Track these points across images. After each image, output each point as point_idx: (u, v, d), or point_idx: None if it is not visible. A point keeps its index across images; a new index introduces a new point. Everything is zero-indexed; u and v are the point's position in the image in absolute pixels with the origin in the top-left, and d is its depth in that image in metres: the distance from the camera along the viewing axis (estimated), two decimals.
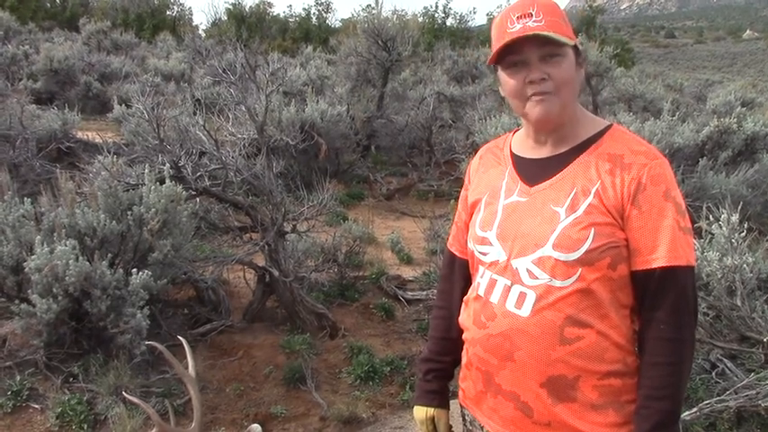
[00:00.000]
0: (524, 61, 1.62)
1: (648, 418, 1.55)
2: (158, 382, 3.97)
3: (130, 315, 3.87)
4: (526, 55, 1.61)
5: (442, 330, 1.97)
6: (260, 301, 4.94)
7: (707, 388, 4.04)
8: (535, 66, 1.61)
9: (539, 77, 1.60)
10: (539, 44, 1.59)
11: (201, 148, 5.22)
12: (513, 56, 1.62)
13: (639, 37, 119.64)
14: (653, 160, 1.60)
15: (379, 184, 9.53)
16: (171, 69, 15.59)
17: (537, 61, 1.60)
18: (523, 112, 1.67)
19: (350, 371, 4.40)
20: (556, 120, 1.65)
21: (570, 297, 1.58)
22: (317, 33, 32.97)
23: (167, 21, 32.87)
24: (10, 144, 7.19)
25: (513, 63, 1.64)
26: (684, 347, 1.58)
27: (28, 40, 18.03)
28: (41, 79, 13.40)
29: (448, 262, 2.01)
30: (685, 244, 1.58)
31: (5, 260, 3.90)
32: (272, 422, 3.84)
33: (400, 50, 10.08)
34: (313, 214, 5.10)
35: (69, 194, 4.15)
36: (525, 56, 1.61)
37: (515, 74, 1.64)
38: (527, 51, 1.60)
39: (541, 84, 1.61)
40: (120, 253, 4.17)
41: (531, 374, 1.63)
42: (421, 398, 1.98)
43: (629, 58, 35.56)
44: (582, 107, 1.75)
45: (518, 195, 1.71)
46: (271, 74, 5.48)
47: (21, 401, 3.70)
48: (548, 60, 1.60)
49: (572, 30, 1.66)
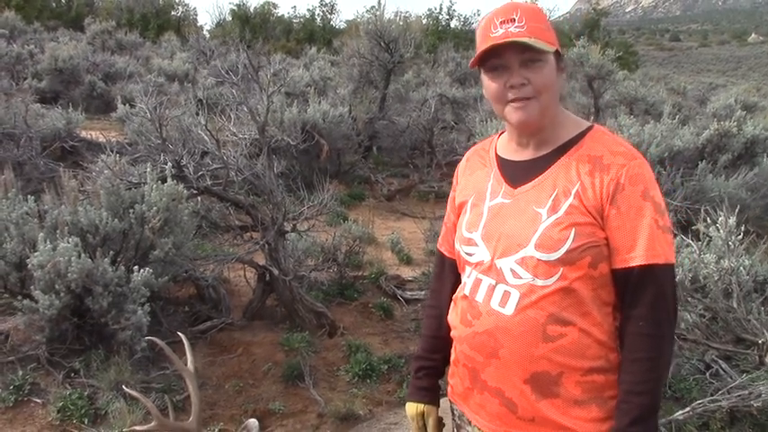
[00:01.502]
0: (505, 66, 1.65)
1: (628, 413, 1.59)
2: (158, 378, 4.01)
3: (131, 312, 3.91)
4: (507, 60, 1.64)
5: (433, 329, 2.01)
6: (260, 300, 4.99)
7: (701, 388, 4.08)
8: (516, 71, 1.64)
9: (519, 82, 1.64)
10: (520, 50, 1.63)
11: (204, 148, 5.28)
12: (494, 60, 1.66)
13: (644, 40, 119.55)
14: (631, 161, 1.63)
15: (380, 185, 9.58)
16: (175, 70, 15.66)
17: (518, 66, 1.64)
18: (503, 114, 1.71)
19: (348, 369, 4.45)
20: (536, 123, 1.69)
21: (552, 296, 1.62)
22: (321, 34, 33.03)
23: (172, 21, 32.98)
24: (14, 143, 7.26)
25: (494, 67, 1.67)
26: (663, 343, 1.62)
27: (33, 39, 18.12)
28: (46, 78, 13.48)
29: (438, 262, 2.05)
30: (664, 242, 1.61)
31: (9, 257, 3.95)
32: (271, 418, 3.89)
33: (402, 52, 10.13)
34: (313, 214, 5.15)
35: (72, 192, 4.20)
36: (506, 60, 1.64)
37: (497, 78, 1.67)
38: (508, 56, 1.64)
39: (521, 89, 1.64)
40: (121, 250, 4.22)
41: (515, 371, 1.67)
42: (412, 394, 2.02)
43: (633, 61, 35.60)
44: (564, 109, 1.78)
45: (502, 197, 1.75)
46: (272, 74, 5.53)
47: (23, 396, 3.74)
48: (528, 66, 1.64)
49: (555, 36, 1.69)
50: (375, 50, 10.41)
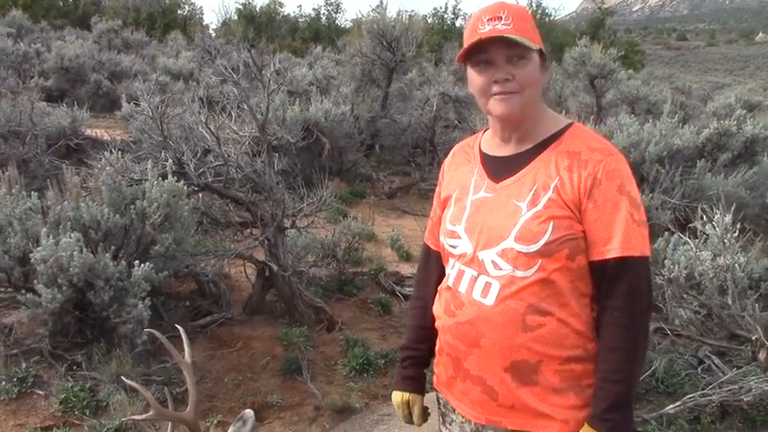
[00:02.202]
0: (491, 61, 1.71)
1: (604, 400, 1.65)
2: (158, 371, 4.09)
3: (132, 306, 3.99)
4: (493, 55, 1.71)
5: (418, 319, 2.06)
6: (259, 295, 5.05)
7: (693, 383, 4.12)
8: (501, 66, 1.71)
9: (503, 77, 1.70)
10: (505, 46, 1.69)
11: (206, 146, 5.35)
12: (481, 55, 1.72)
13: (651, 39, 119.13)
14: (608, 156, 1.69)
15: (381, 183, 9.63)
16: (180, 68, 15.75)
17: (503, 62, 1.70)
18: (487, 108, 1.77)
19: (345, 363, 4.50)
20: (517, 116, 1.75)
21: (532, 287, 1.68)
22: (326, 34, 33.05)
23: (178, 20, 33.04)
24: (20, 140, 7.34)
25: (480, 62, 1.73)
26: (638, 334, 1.67)
27: (40, 38, 18.22)
28: (53, 77, 13.58)
29: (424, 255, 2.11)
30: (639, 235, 1.66)
31: (13, 251, 4.02)
32: (268, 411, 3.95)
33: (404, 51, 10.19)
34: (312, 211, 5.21)
35: (75, 189, 4.28)
36: (492, 56, 1.71)
37: (482, 72, 1.73)
38: (494, 52, 1.70)
39: (505, 84, 1.70)
40: (122, 245, 4.29)
41: (495, 360, 1.73)
42: (398, 383, 2.08)
43: (639, 60, 35.51)
44: (545, 107, 1.84)
45: (485, 191, 1.80)
46: (273, 73, 5.59)
47: (26, 388, 3.81)
48: (513, 62, 1.70)
49: (539, 35, 1.75)
50: (377, 49, 10.47)
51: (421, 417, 2.06)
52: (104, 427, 3.52)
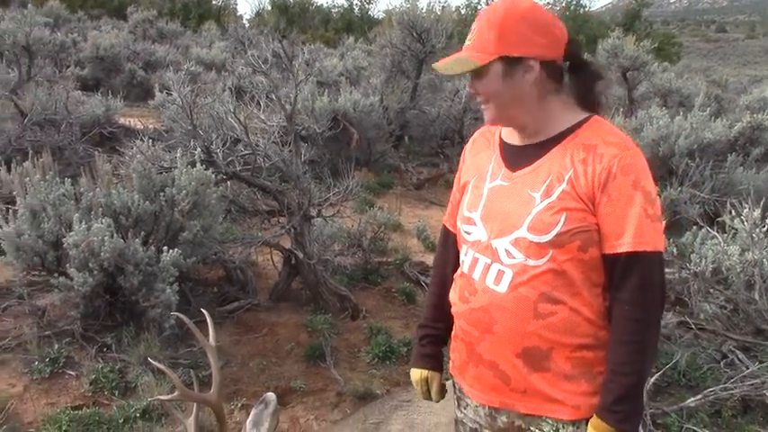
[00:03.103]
0: None
1: (613, 391, 1.68)
2: (186, 354, 4.17)
3: (161, 290, 4.08)
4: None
5: (436, 299, 2.11)
6: (285, 282, 5.13)
7: (715, 377, 4.11)
8: (471, 82, 1.80)
9: (469, 92, 1.85)
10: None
11: (235, 135, 5.43)
12: None
13: (689, 31, 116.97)
14: (624, 151, 1.70)
15: (409, 174, 9.66)
16: (212, 58, 15.91)
17: (472, 77, 1.79)
18: None
19: (368, 350, 4.57)
20: (502, 122, 1.84)
21: (543, 276, 1.71)
22: (359, 24, 33.09)
23: (212, 10, 33.34)
24: (55, 128, 7.51)
25: None
26: (648, 328, 1.69)
27: (77, 28, 18.52)
28: (88, 66, 13.81)
29: (443, 236, 2.14)
30: (653, 230, 1.67)
31: (46, 236, 4.14)
32: (292, 395, 4.03)
33: (434, 42, 10.18)
34: (338, 200, 5.27)
35: (106, 176, 4.38)
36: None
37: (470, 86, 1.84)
38: None
39: (476, 97, 1.81)
40: (152, 232, 4.38)
41: (507, 346, 1.77)
42: (417, 361, 2.14)
43: (675, 52, 35.01)
44: (562, 102, 1.82)
45: (501, 179, 1.83)
46: (303, 63, 5.65)
47: (58, 368, 3.92)
48: (476, 76, 1.77)
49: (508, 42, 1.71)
50: (407, 40, 10.48)
51: (438, 393, 2.12)
52: (132, 407, 3.61)
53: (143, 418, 3.57)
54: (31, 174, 4.40)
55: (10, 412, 3.52)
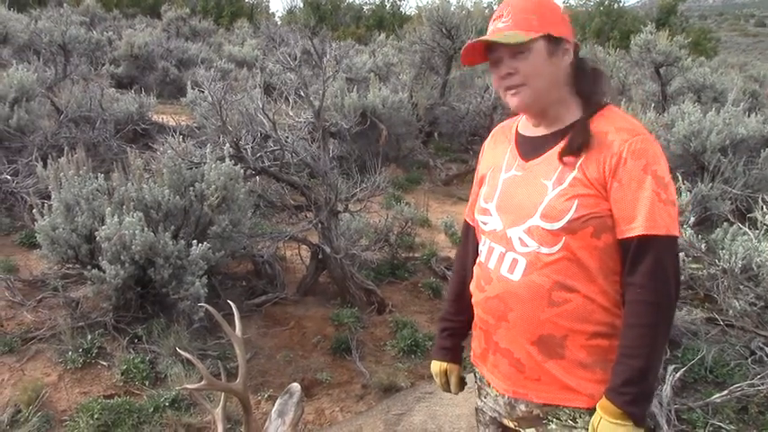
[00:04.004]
0: (499, 59, 1.80)
1: (622, 374, 1.68)
2: (214, 346, 4.26)
3: (190, 283, 4.16)
4: (499, 53, 1.79)
5: (456, 292, 2.15)
6: (313, 276, 5.20)
7: (742, 374, 4.08)
8: (505, 63, 1.78)
9: (506, 72, 1.78)
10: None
11: (264, 131, 5.50)
12: (490, 54, 1.82)
13: (727, 26, 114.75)
14: (635, 136, 1.71)
15: (438, 170, 9.67)
16: (244, 56, 16.05)
17: (508, 58, 1.78)
18: (506, 102, 1.85)
19: (394, 344, 4.61)
20: (533, 107, 1.82)
21: (557, 264, 1.74)
22: (390, 21, 33.08)
23: (245, 8, 33.56)
24: (90, 125, 7.68)
25: (492, 60, 1.82)
26: (660, 311, 1.68)
27: (112, 26, 18.82)
28: (123, 64, 14.04)
29: (464, 230, 2.18)
30: (665, 214, 1.68)
31: (80, 229, 4.25)
32: (317, 387, 4.09)
33: (464, 39, 10.16)
34: (366, 195, 5.31)
35: (138, 171, 4.48)
36: (498, 54, 1.79)
37: (494, 70, 1.83)
38: (498, 50, 1.79)
39: (511, 78, 1.79)
40: (182, 226, 4.46)
41: (522, 333, 1.80)
42: (436, 353, 2.19)
43: (711, 47, 34.41)
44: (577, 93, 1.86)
45: (516, 170, 1.87)
46: (330, 60, 5.70)
47: (91, 358, 4.02)
48: (516, 56, 1.76)
49: (550, 21, 1.77)
50: (436, 37, 10.49)
51: (457, 385, 2.17)
52: (162, 397, 3.70)
53: (172, 408, 3.66)
54: (65, 169, 4.52)
55: (45, 400, 3.63)
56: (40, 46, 10.34)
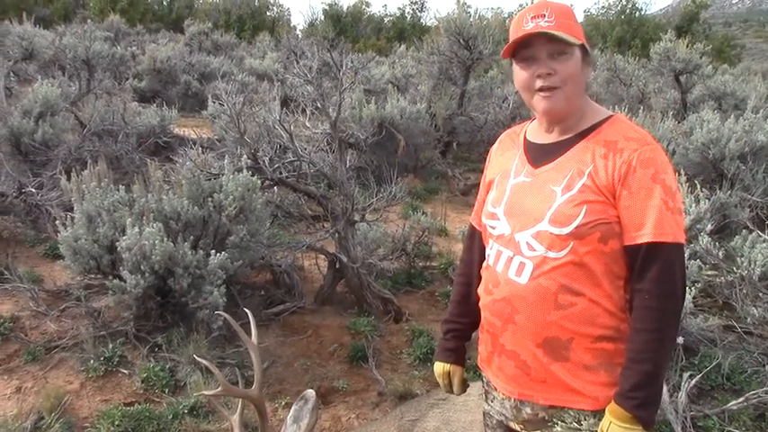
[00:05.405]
0: (534, 56, 1.82)
1: (629, 379, 1.72)
2: (232, 354, 4.31)
3: (209, 293, 4.23)
4: (536, 51, 1.81)
5: (461, 295, 2.19)
6: (330, 286, 5.25)
7: (760, 381, 4.06)
8: (543, 61, 1.81)
9: (545, 72, 1.80)
10: (547, 42, 1.79)
11: (282, 143, 5.57)
12: (525, 51, 1.83)
13: (752, 33, 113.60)
14: (644, 146, 1.76)
15: (456, 180, 9.69)
16: (265, 69, 16.21)
17: (545, 57, 1.80)
18: (531, 103, 1.87)
19: (410, 352, 4.64)
20: (561, 112, 1.84)
21: (563, 267, 1.77)
22: (410, 32, 33.19)
23: (267, 22, 33.85)
24: (113, 138, 7.81)
25: (525, 58, 1.84)
26: (667, 317, 1.72)
27: (136, 41, 19.12)
28: (146, 78, 14.24)
29: (469, 234, 2.23)
30: (673, 222, 1.72)
31: (101, 240, 4.34)
32: (334, 395, 4.13)
33: (481, 49, 10.21)
34: (382, 205, 5.36)
35: (158, 182, 4.57)
36: (536, 51, 1.81)
37: (526, 68, 1.84)
38: (537, 47, 1.81)
39: (548, 78, 1.80)
40: (201, 236, 4.54)
41: (528, 336, 1.83)
42: (440, 354, 2.23)
43: (735, 54, 34.11)
44: (589, 100, 1.92)
45: (524, 176, 1.91)
46: (348, 72, 5.76)
47: (112, 367, 4.10)
48: (555, 57, 1.80)
49: (581, 32, 1.83)
50: (454, 47, 10.53)
51: (460, 387, 2.20)
52: (181, 404, 3.77)
53: (191, 415, 3.72)
54: (87, 182, 4.62)
55: (67, 407, 3.70)
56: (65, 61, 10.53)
